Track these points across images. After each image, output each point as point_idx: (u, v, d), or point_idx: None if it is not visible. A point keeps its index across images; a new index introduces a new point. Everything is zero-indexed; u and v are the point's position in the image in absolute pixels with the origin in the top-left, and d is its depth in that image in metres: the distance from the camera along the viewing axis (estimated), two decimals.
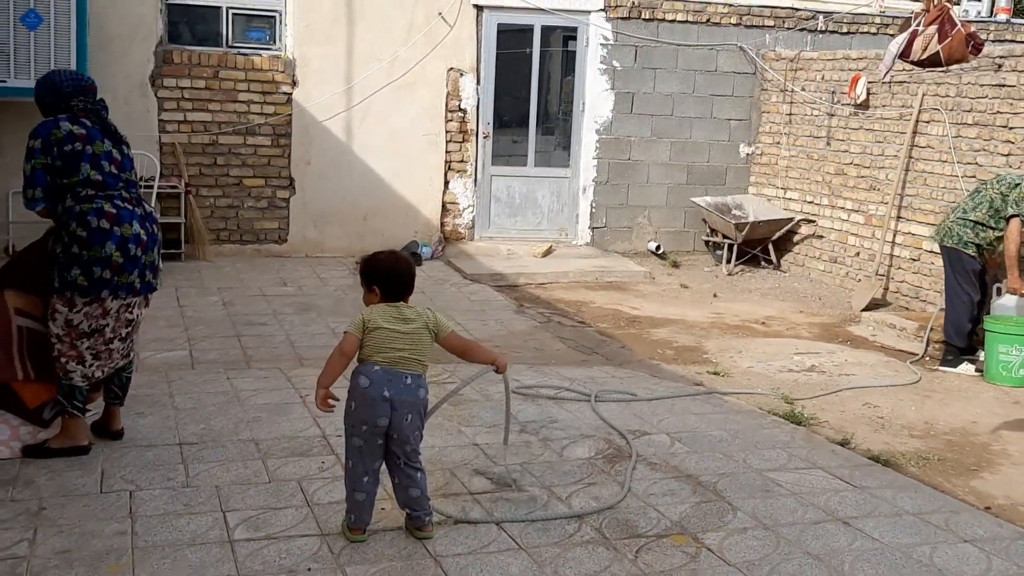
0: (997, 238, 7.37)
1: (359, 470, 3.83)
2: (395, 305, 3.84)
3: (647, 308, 9.08)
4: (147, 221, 4.64)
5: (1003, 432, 5.99)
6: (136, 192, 4.69)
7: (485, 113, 10.96)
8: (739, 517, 4.30)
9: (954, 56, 5.86)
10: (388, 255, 3.96)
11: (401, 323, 3.79)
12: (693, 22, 11.26)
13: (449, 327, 3.89)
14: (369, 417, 3.75)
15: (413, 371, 3.80)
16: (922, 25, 5.81)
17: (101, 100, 4.69)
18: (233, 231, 10.30)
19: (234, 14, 10.16)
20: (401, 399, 3.76)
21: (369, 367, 3.77)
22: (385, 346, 3.76)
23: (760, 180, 11.61)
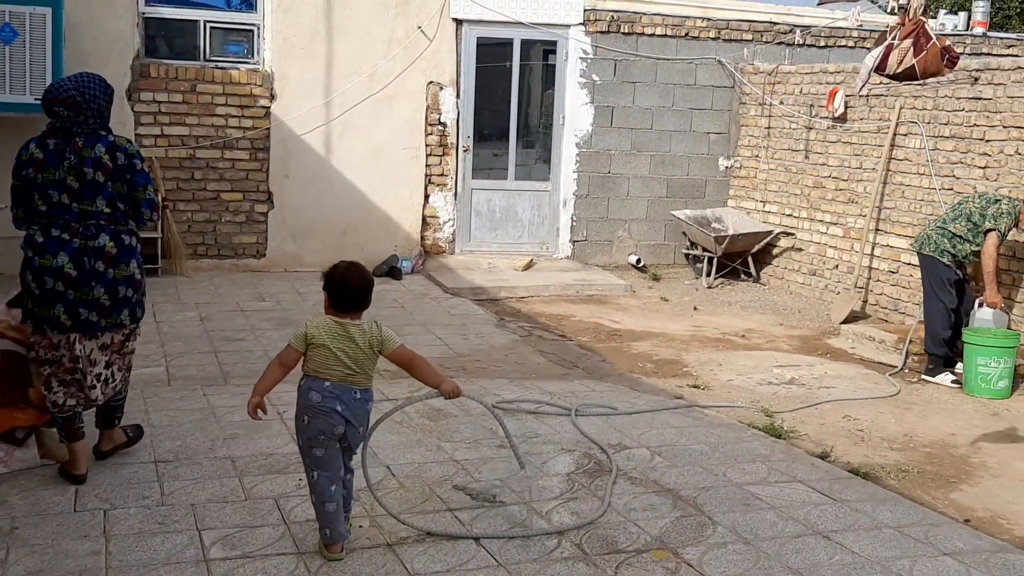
0: (974, 252, 7.43)
1: (325, 480, 3.84)
2: (341, 322, 3.83)
3: (628, 321, 9.07)
4: (87, 255, 4.31)
5: (982, 444, 6.00)
6: (93, 223, 4.34)
7: (465, 127, 10.96)
8: (719, 531, 4.28)
9: (929, 69, 5.90)
10: (346, 265, 3.95)
11: (346, 342, 3.81)
12: (672, 36, 11.30)
13: (395, 342, 3.89)
14: (326, 427, 3.81)
15: (361, 386, 3.87)
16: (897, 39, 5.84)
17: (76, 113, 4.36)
18: (211, 246, 10.24)
19: (211, 28, 10.12)
20: (353, 412, 3.84)
21: (319, 383, 3.81)
22: (329, 364, 3.81)
23: (739, 193, 11.65)
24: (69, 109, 4.36)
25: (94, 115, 4.42)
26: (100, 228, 4.37)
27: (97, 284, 4.35)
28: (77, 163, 4.34)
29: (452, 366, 7.16)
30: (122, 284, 4.41)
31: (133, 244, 4.48)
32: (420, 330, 8.21)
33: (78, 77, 4.47)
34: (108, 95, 4.52)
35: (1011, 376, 7.13)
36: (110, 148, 4.40)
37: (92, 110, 4.41)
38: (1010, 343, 7.13)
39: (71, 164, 4.34)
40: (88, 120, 4.41)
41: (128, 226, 4.48)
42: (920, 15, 5.83)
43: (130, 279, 4.44)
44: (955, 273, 7.54)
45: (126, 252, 4.43)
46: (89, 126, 4.41)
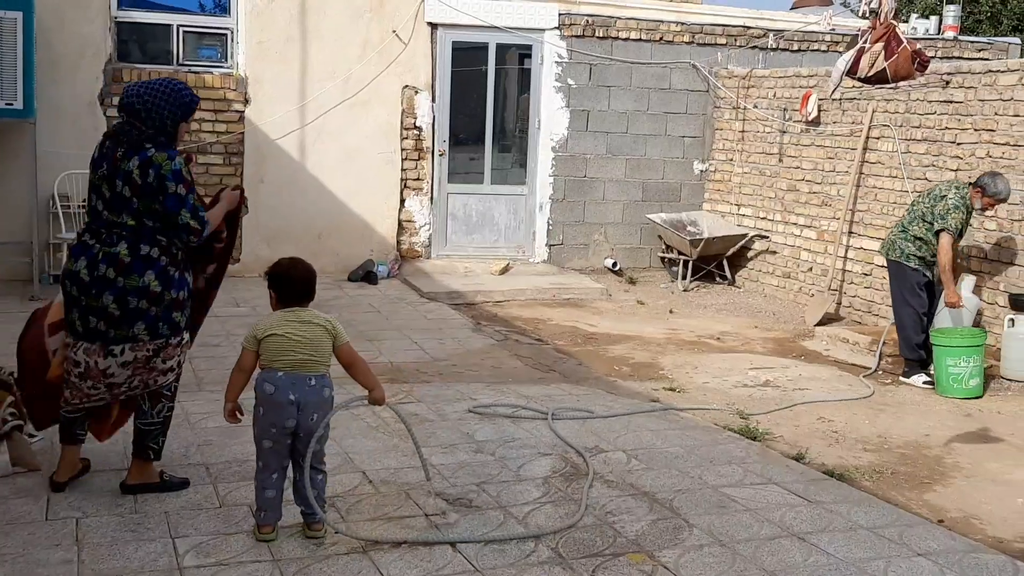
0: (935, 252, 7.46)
1: (270, 469, 3.97)
2: (293, 310, 3.97)
3: (604, 325, 9.09)
4: (103, 262, 4.18)
5: (956, 445, 6.05)
6: (117, 232, 4.21)
7: (441, 131, 10.95)
8: (695, 534, 4.29)
9: (900, 73, 5.95)
10: (287, 261, 4.09)
11: (299, 326, 3.91)
12: (647, 40, 11.34)
13: (345, 339, 4.01)
14: (277, 420, 3.90)
15: (316, 372, 3.93)
16: (869, 43, 5.89)
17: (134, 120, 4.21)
18: None
19: (185, 32, 10.07)
20: (307, 400, 3.91)
21: (272, 374, 3.90)
22: (283, 351, 3.89)
23: (714, 196, 11.70)
24: (126, 113, 4.26)
25: (152, 125, 4.21)
26: (121, 237, 4.22)
27: (106, 292, 4.18)
28: (110, 173, 4.22)
29: (429, 371, 7.15)
30: (132, 295, 4.17)
31: (154, 256, 4.20)
32: (396, 335, 8.19)
33: (151, 83, 4.29)
34: (179, 105, 4.26)
35: (982, 374, 7.17)
36: (143, 164, 4.15)
37: (150, 120, 4.21)
38: (977, 341, 7.17)
39: (104, 173, 4.24)
40: (142, 129, 4.21)
41: (154, 237, 4.21)
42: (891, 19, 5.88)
43: (143, 290, 4.18)
44: (924, 275, 7.56)
45: (141, 262, 4.18)
46: (140, 135, 4.20)
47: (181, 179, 4.19)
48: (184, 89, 4.33)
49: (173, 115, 4.24)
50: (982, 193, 7.29)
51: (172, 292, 4.27)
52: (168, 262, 4.26)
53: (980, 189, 7.30)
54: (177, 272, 4.29)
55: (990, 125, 8.15)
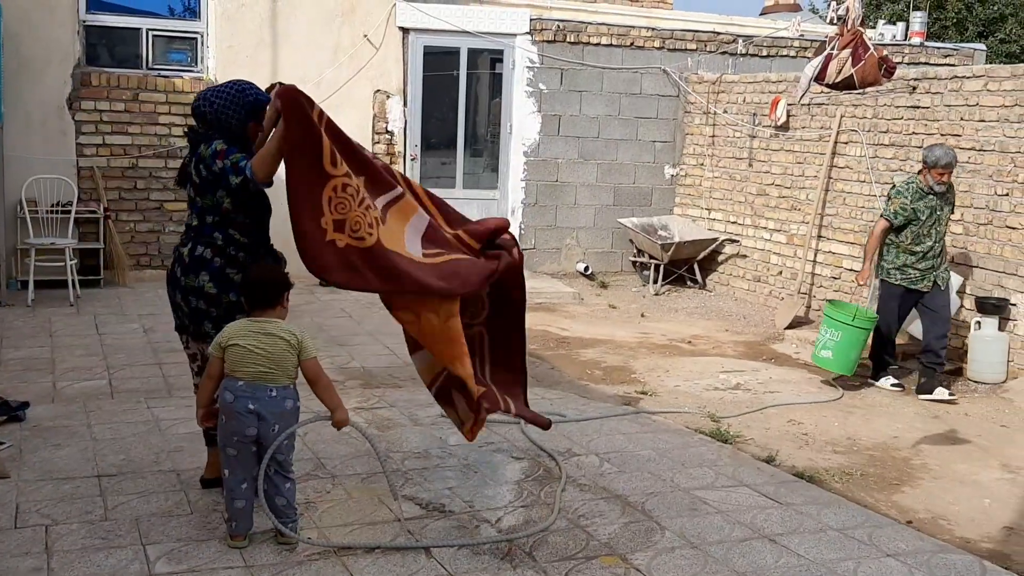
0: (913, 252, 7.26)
1: (237, 478, 3.94)
2: (258, 320, 3.94)
3: (576, 329, 9.11)
4: (177, 262, 4.29)
5: (923, 447, 6.12)
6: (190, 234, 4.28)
7: (413, 135, 10.94)
8: (667, 536, 4.32)
9: (867, 79, 6.02)
10: (254, 267, 4.11)
11: (262, 338, 3.89)
12: (617, 45, 11.39)
13: (313, 353, 3.95)
14: (237, 429, 3.88)
15: (278, 384, 3.90)
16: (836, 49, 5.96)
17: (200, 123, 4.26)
18: (154, 256, 10.10)
19: (154, 36, 10.01)
20: (267, 411, 3.88)
21: (233, 382, 3.90)
22: (244, 362, 3.87)
23: (685, 201, 11.77)
24: (195, 118, 4.33)
25: (218, 127, 4.24)
26: (190, 238, 4.31)
27: (176, 290, 4.33)
28: (182, 178, 4.41)
29: (401, 375, 7.14)
30: (192, 295, 4.23)
31: (207, 257, 4.20)
32: (368, 339, 8.18)
33: (220, 87, 4.31)
34: (243, 105, 4.22)
35: (842, 351, 7.25)
36: (196, 163, 4.23)
37: (217, 121, 4.23)
38: (843, 318, 7.28)
39: (181, 177, 4.42)
40: (205, 132, 4.26)
41: (210, 237, 4.22)
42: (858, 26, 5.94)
43: (198, 291, 4.21)
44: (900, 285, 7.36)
45: (196, 263, 4.22)
46: (204, 138, 4.24)
47: (216, 152, 4.13)
48: (249, 89, 4.29)
49: (238, 115, 4.23)
50: (926, 168, 7.16)
51: (231, 295, 4.22)
52: (224, 263, 4.22)
53: (924, 165, 7.19)
54: (239, 275, 4.21)
55: (956, 130, 8.25)
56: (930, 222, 7.22)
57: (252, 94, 4.28)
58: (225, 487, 3.99)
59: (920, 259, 7.27)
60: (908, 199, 7.16)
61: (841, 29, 6.06)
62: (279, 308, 4.03)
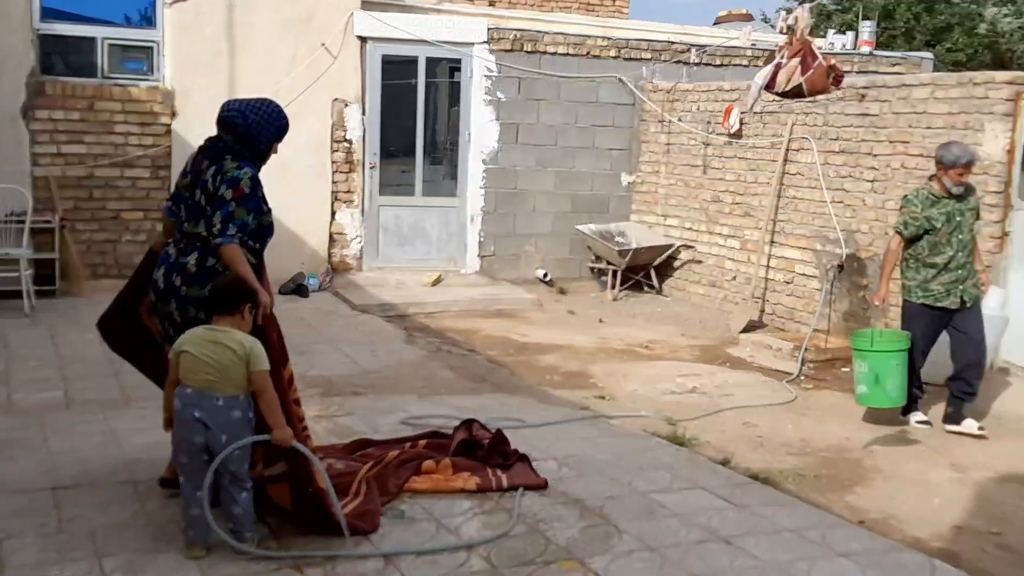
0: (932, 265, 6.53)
1: (191, 485, 3.94)
2: (212, 329, 3.97)
3: (536, 335, 9.17)
4: (175, 270, 4.29)
5: (875, 448, 6.24)
6: (192, 242, 4.30)
7: (371, 143, 10.96)
8: (625, 540, 4.37)
9: (816, 87, 6.13)
10: (221, 275, 4.16)
11: (212, 346, 3.90)
12: (574, 55, 11.49)
13: (261, 366, 3.93)
14: (186, 436, 3.91)
15: (225, 393, 3.90)
16: (786, 58, 6.07)
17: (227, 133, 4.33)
18: (111, 266, 10.02)
19: (110, 44, 9.95)
20: (212, 420, 3.88)
21: (183, 390, 3.93)
22: (193, 370, 3.89)
23: (641, 208, 11.88)
24: (223, 127, 4.37)
25: (240, 139, 4.33)
26: (194, 248, 4.31)
27: (172, 299, 4.30)
28: (192, 182, 4.37)
29: (361, 383, 7.16)
30: (194, 305, 4.24)
31: (219, 269, 4.23)
32: (328, 347, 8.18)
33: (252, 102, 4.42)
34: (277, 128, 4.42)
35: (875, 382, 6.36)
36: (216, 172, 4.27)
37: (248, 135, 4.32)
38: (863, 345, 6.47)
39: (188, 182, 4.40)
40: (229, 143, 4.33)
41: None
42: (807, 35, 6.06)
43: (202, 302, 4.21)
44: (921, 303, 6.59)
45: (206, 274, 4.24)
46: (226, 148, 4.32)
47: (235, 185, 4.23)
48: (282, 112, 4.49)
49: (268, 135, 4.40)
50: (943, 168, 6.44)
51: None
52: None
53: (939, 166, 6.47)
54: None
55: (904, 137, 8.43)
56: (948, 230, 6.47)
57: (285, 117, 4.49)
58: (182, 495, 4.00)
59: (941, 272, 6.50)
60: (919, 207, 6.51)
61: (790, 39, 6.18)
62: (237, 317, 4.03)
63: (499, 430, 5.40)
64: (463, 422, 5.59)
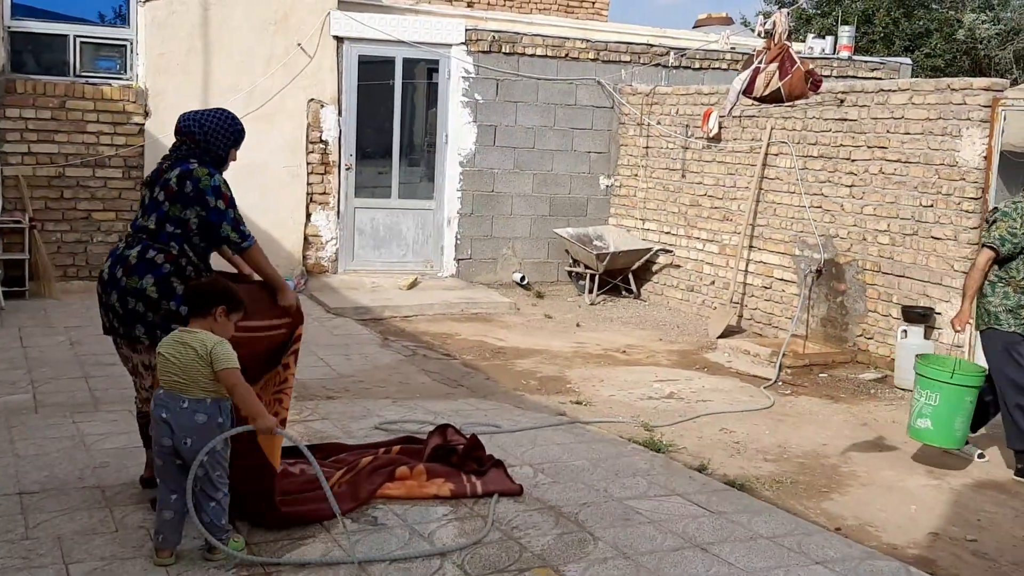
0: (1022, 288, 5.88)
1: (166, 488, 3.91)
2: (183, 330, 3.97)
3: (512, 339, 9.12)
4: (119, 263, 4.38)
5: (852, 454, 6.22)
6: (141, 236, 4.41)
7: (348, 145, 10.88)
8: (600, 547, 4.32)
9: (794, 92, 6.12)
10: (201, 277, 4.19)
11: (178, 347, 3.89)
12: (552, 57, 11.45)
13: (224, 364, 3.87)
14: (157, 437, 3.89)
15: (191, 396, 3.86)
16: (764, 63, 6.06)
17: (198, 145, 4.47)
18: (81, 267, 9.89)
19: (82, 43, 9.82)
20: (178, 422, 3.84)
21: (157, 391, 3.95)
22: (163, 371, 3.90)
23: (619, 211, 11.86)
24: (181, 135, 4.53)
25: (199, 146, 4.48)
26: (140, 241, 4.42)
27: (113, 290, 4.38)
28: (152, 180, 4.50)
29: (335, 387, 7.08)
30: (132, 295, 4.32)
31: (158, 261, 4.33)
32: (302, 351, 8.03)
33: (207, 112, 4.59)
34: (232, 133, 4.57)
35: (943, 418, 5.81)
36: (182, 174, 4.38)
37: (205, 142, 4.49)
38: (937, 374, 5.85)
39: (148, 181, 4.52)
40: (191, 147, 4.48)
41: (166, 244, 4.37)
42: (785, 40, 6.05)
43: (139, 293, 4.31)
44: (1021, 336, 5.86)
45: (144, 265, 4.33)
46: (188, 152, 4.47)
47: (220, 194, 4.39)
48: (236, 119, 4.67)
49: (226, 141, 4.56)
50: None
51: (172, 303, 4.34)
52: (172, 271, 4.36)
53: None
54: (183, 286, 4.33)
55: (882, 142, 8.43)
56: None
57: (239, 124, 4.67)
58: (157, 498, 3.96)
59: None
60: (1018, 222, 5.79)
61: (768, 43, 6.17)
62: (210, 319, 3.97)
63: (474, 436, 5.36)
64: (437, 427, 5.54)
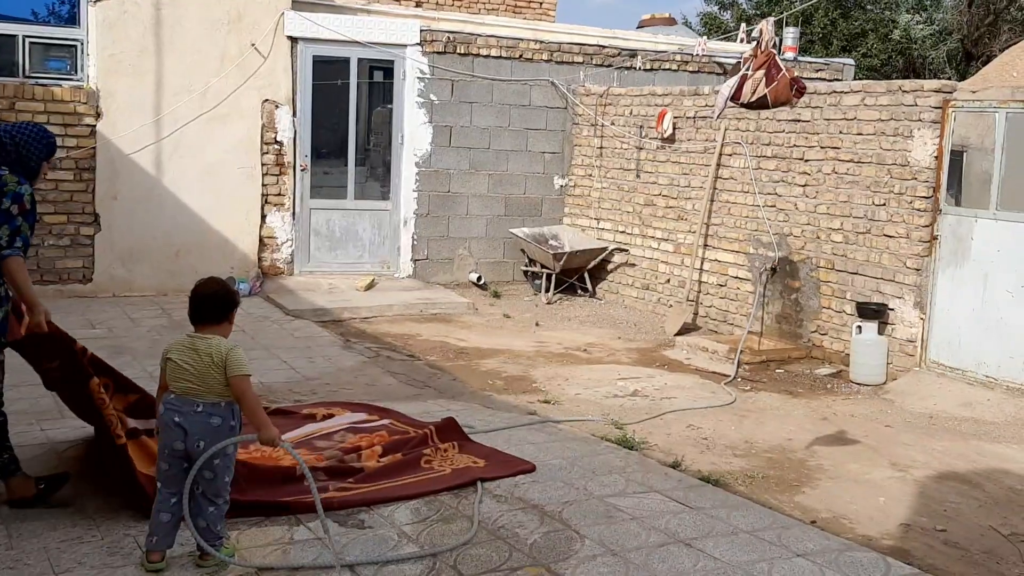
0: None
1: (169, 490, 3.91)
2: (193, 336, 3.96)
3: (473, 339, 9.16)
4: None
5: (817, 448, 6.37)
6: None
7: (303, 145, 10.81)
8: (587, 545, 4.39)
9: (780, 99, 6.26)
10: (201, 281, 4.12)
11: (190, 353, 3.89)
12: (507, 57, 11.51)
13: (239, 371, 3.88)
14: (167, 441, 3.88)
15: (205, 400, 3.87)
16: (751, 70, 6.19)
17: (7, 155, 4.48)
18: (33, 271, 9.66)
19: (31, 43, 9.63)
20: (192, 427, 3.85)
21: (167, 396, 3.92)
22: (175, 377, 3.89)
23: (574, 211, 11.95)
24: None
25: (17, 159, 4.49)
26: None
27: None
28: None
29: (302, 390, 7.05)
30: None
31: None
32: (264, 354, 8.04)
33: (22, 125, 4.63)
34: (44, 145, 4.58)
35: None
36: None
37: (17, 153, 4.49)
38: None
39: None
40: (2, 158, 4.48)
41: None
42: (771, 48, 6.19)
43: None
44: None
45: None
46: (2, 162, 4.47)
47: (19, 201, 4.38)
48: (50, 133, 4.70)
49: (38, 153, 4.56)
50: None
51: None
52: None
53: None
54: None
55: (835, 143, 8.63)
56: None
57: (52, 137, 4.69)
58: (156, 499, 3.94)
59: None
60: None
61: (755, 50, 6.30)
62: (224, 325, 4.00)
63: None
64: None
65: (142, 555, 3.96)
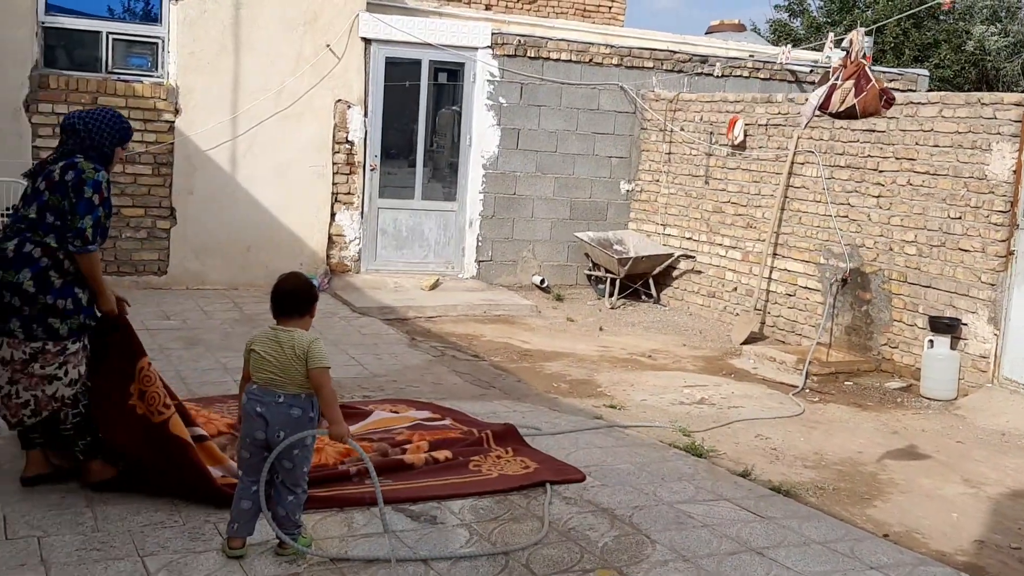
0: None
1: (249, 478, 4.00)
2: (275, 328, 4.04)
3: (537, 341, 9.19)
4: None
5: (888, 462, 6.30)
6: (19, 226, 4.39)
7: (372, 145, 10.94)
8: (659, 550, 4.40)
9: (868, 109, 6.22)
10: (284, 275, 4.19)
11: (273, 345, 3.97)
12: (576, 61, 11.53)
13: (319, 363, 3.93)
14: (248, 430, 3.98)
15: (286, 391, 3.94)
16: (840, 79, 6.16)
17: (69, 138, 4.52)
18: (110, 262, 9.93)
19: (114, 39, 9.86)
20: (273, 416, 3.92)
21: (250, 386, 4.02)
22: (258, 367, 3.97)
23: (640, 216, 11.93)
24: (66, 134, 4.54)
25: (91, 144, 4.49)
26: (18, 232, 4.39)
27: None
28: (35, 171, 4.51)
29: (370, 386, 7.14)
30: (8, 290, 4.29)
31: (35, 255, 4.32)
32: (333, 349, 8.13)
33: (93, 111, 4.61)
34: (118, 131, 4.59)
35: None
36: (67, 165, 4.40)
37: (90, 139, 4.50)
38: None
39: (31, 172, 4.53)
40: (76, 144, 4.48)
41: (42, 237, 4.35)
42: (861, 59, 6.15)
43: (15, 287, 4.28)
44: None
45: (21, 259, 4.31)
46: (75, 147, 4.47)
47: (99, 190, 4.40)
48: (123, 118, 4.70)
49: (111, 139, 4.57)
50: None
51: (48, 297, 4.33)
52: (50, 265, 4.35)
53: None
54: (61, 280, 4.36)
55: (911, 154, 8.52)
56: None
57: (126, 123, 4.68)
58: (237, 487, 4.04)
59: None
60: None
61: (845, 60, 6.27)
62: (307, 318, 4.09)
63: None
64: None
65: (223, 541, 4.06)
